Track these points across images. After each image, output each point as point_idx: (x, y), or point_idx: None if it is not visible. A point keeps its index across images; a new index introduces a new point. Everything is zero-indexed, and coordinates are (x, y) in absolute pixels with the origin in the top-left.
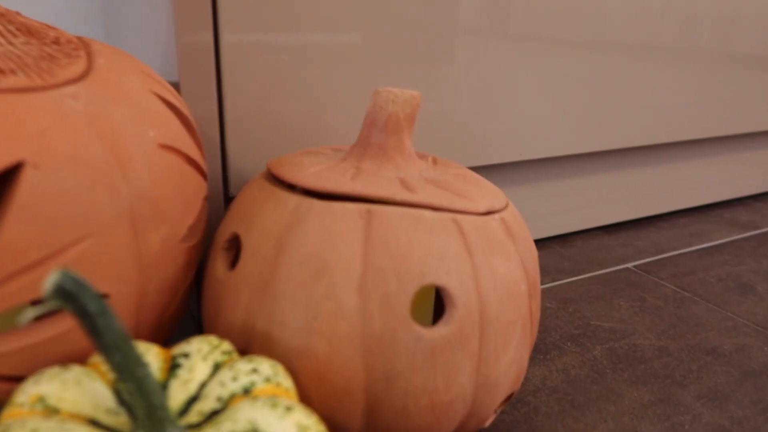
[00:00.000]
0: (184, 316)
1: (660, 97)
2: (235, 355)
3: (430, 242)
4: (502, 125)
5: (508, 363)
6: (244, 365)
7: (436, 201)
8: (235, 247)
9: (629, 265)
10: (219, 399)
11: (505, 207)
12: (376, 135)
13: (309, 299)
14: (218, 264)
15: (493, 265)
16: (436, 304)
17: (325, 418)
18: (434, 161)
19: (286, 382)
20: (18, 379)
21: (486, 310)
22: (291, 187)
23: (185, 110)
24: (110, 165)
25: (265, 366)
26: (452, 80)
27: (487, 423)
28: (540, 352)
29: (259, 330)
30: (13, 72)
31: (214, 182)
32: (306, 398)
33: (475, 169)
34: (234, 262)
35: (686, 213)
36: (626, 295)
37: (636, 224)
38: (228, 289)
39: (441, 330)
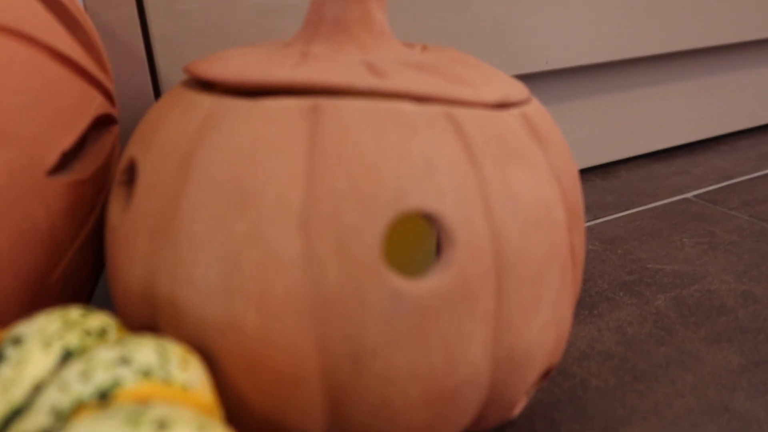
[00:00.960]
0: (101, 275)
1: None
2: (112, 335)
3: (410, 149)
4: (522, 27)
5: (542, 325)
6: (106, 353)
7: (418, 87)
8: (132, 177)
9: (689, 195)
10: (54, 412)
11: (527, 100)
12: (330, 5)
13: (226, 244)
14: (113, 204)
15: (511, 180)
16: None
17: (270, 421)
18: (424, 48)
19: (185, 374)
20: None
21: (503, 247)
22: (209, 88)
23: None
24: None
25: (145, 352)
26: None
27: (516, 411)
28: (584, 306)
29: (161, 294)
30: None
31: (143, 101)
32: (238, 394)
33: None
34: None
35: (746, 134)
36: (689, 231)
37: (689, 149)
38: (121, 236)
39: (434, 281)
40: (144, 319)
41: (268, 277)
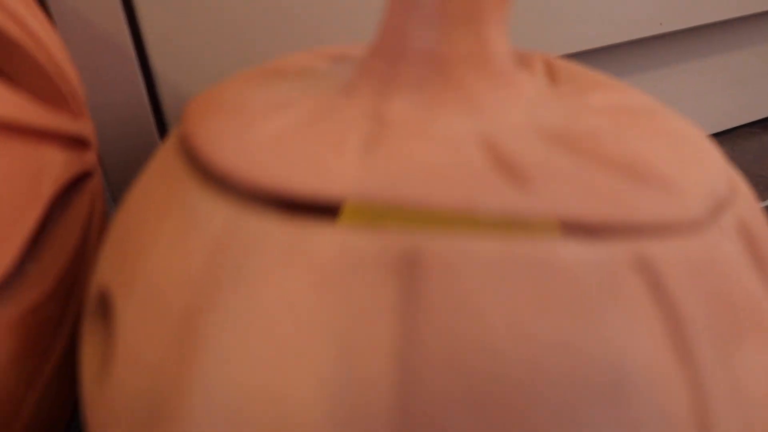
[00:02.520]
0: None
1: None
2: None
3: (576, 344)
4: None
5: None
6: None
7: (588, 206)
8: (107, 311)
9: None
10: None
11: (732, 182)
12: (420, 30)
13: None
14: (84, 347)
15: (739, 370)
16: None
17: None
18: (549, 71)
19: None
20: None
21: None
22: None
23: None
24: None
25: None
26: None
27: None
28: None
29: None
30: None
31: (143, 126)
32: None
33: (577, 57)
34: (107, 342)
35: None
36: None
37: None
38: (96, 410)
39: None
40: None
41: None
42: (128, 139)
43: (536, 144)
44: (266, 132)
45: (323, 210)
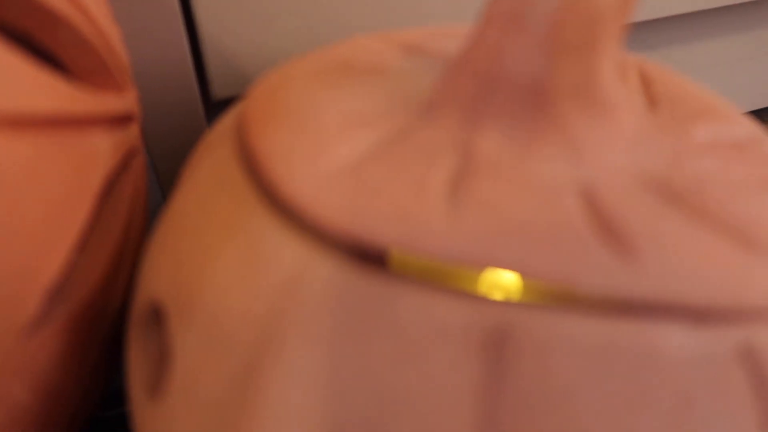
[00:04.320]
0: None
1: None
2: None
3: None
4: None
5: None
6: None
7: (695, 286)
8: (161, 325)
9: None
10: None
11: None
12: (521, 56)
13: None
14: (132, 358)
15: None
16: None
17: None
18: (646, 85)
19: None
20: None
21: None
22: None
23: None
24: None
25: None
26: None
27: None
28: None
29: None
30: None
31: (184, 82)
32: None
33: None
34: (162, 356)
35: None
36: None
37: None
38: (147, 427)
39: None
40: None
41: None
42: (170, 103)
43: (640, 197)
44: (342, 159)
45: (404, 263)
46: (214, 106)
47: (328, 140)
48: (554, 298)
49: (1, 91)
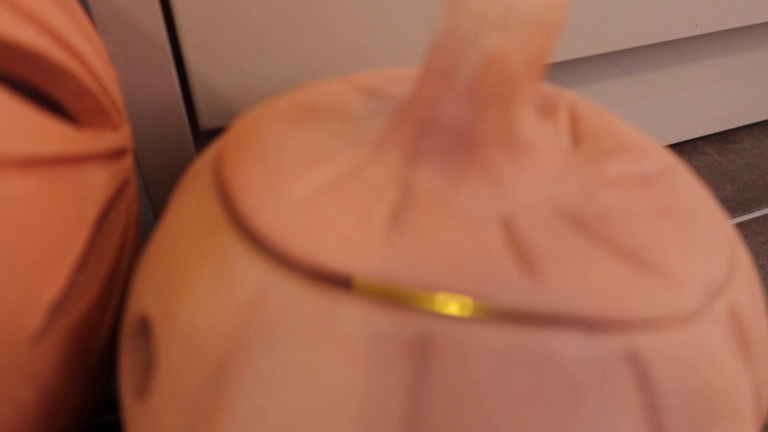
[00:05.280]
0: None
1: None
2: None
3: (566, 427)
4: None
5: None
6: None
7: (589, 301)
8: (148, 335)
9: None
10: None
11: (732, 262)
12: (451, 106)
13: None
14: (123, 363)
15: None
16: None
17: None
18: (573, 123)
19: None
20: None
21: None
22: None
23: (45, 37)
24: None
25: None
26: None
27: None
28: None
29: None
30: None
31: (174, 115)
32: None
33: (623, 53)
34: (149, 362)
35: None
36: None
37: None
38: (135, 424)
39: None
40: None
41: None
42: (162, 134)
43: (551, 226)
44: (299, 193)
45: (349, 283)
46: (202, 136)
47: (289, 176)
48: (470, 311)
49: (9, 136)
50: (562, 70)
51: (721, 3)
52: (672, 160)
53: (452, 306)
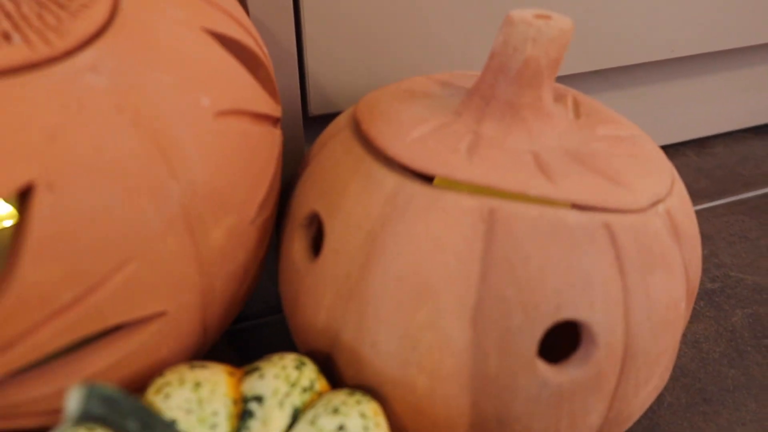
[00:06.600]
0: (259, 282)
1: None
2: (318, 384)
3: (571, 263)
4: (645, 18)
5: (648, 393)
6: (328, 421)
7: (583, 195)
8: (315, 224)
9: None
10: None
11: (671, 187)
12: (504, 87)
13: (408, 325)
14: (295, 245)
15: (650, 287)
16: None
17: None
18: (575, 106)
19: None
20: None
21: (632, 343)
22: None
23: (250, 38)
24: (152, 163)
25: (355, 421)
26: None
27: None
28: None
29: (344, 342)
30: (6, 36)
31: (289, 98)
32: (400, 427)
33: (608, 72)
34: (315, 242)
35: None
36: None
37: None
38: (308, 283)
39: (574, 372)
40: (321, 347)
41: (440, 356)
42: (282, 113)
43: (561, 158)
44: (413, 137)
45: (447, 183)
46: (309, 120)
47: (406, 128)
48: (516, 198)
49: (247, 99)
50: (564, 83)
51: (694, 31)
52: (639, 131)
53: (506, 194)
